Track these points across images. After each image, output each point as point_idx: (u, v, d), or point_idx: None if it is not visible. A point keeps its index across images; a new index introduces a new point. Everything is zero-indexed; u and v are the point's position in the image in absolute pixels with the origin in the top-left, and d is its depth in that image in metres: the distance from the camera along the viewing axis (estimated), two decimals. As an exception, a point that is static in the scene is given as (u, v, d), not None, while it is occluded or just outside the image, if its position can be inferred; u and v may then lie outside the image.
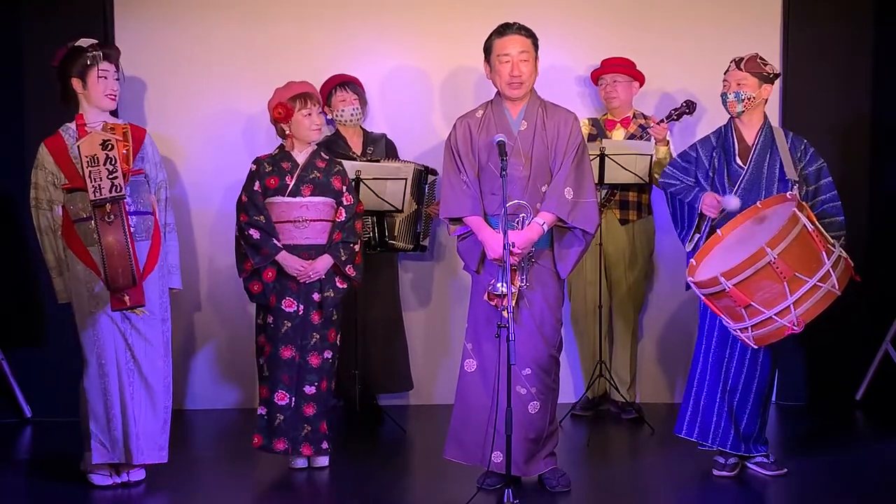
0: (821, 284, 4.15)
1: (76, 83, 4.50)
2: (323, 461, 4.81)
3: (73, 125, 4.52)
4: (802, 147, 4.65)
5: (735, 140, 4.68)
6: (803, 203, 4.32)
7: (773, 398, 5.80)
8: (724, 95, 4.67)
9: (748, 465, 4.73)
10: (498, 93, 4.46)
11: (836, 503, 4.45)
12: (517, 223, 4.31)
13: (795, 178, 4.54)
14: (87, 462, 4.54)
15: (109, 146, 4.21)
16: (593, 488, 4.65)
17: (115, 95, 4.54)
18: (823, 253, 4.17)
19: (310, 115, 4.74)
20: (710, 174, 4.69)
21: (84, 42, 4.51)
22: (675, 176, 4.77)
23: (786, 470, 4.69)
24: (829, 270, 4.16)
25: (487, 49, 4.44)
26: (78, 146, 4.20)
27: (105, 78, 4.49)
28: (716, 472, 4.69)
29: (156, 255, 4.53)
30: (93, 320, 4.46)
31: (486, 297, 4.31)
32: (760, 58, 4.65)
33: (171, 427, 4.61)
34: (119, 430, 4.47)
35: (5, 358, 5.66)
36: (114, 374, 4.46)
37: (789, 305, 4.13)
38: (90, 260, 4.41)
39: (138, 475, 4.60)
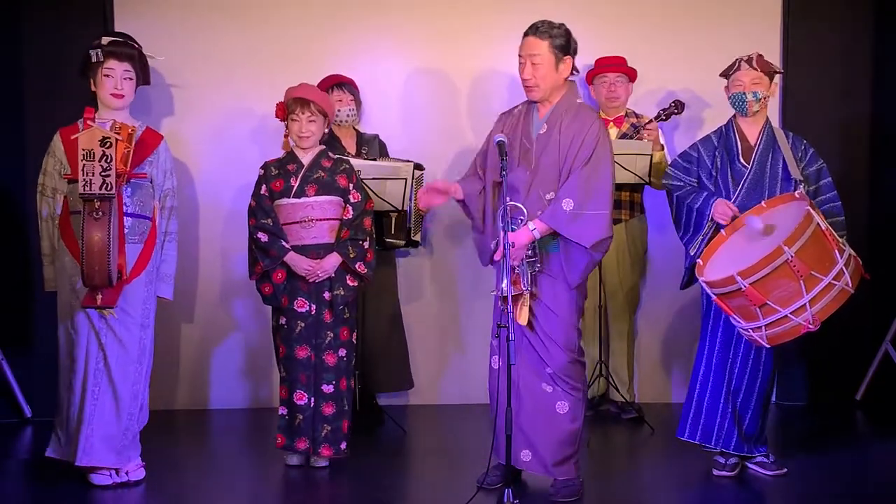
0: (835, 282, 4.15)
1: (91, 83, 4.52)
2: (322, 461, 4.81)
3: (92, 116, 4.50)
4: (803, 147, 4.65)
5: (738, 139, 4.67)
6: (812, 202, 4.33)
7: (774, 398, 5.81)
8: (740, 96, 4.60)
9: (748, 465, 4.73)
10: None
11: (835, 503, 4.45)
12: (514, 226, 4.29)
13: (800, 178, 4.54)
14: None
15: (108, 144, 4.17)
16: (593, 488, 4.64)
17: (123, 94, 4.52)
18: (836, 251, 4.18)
19: (297, 121, 4.74)
20: (713, 174, 4.68)
21: (105, 40, 4.51)
22: (677, 177, 4.76)
23: (786, 470, 4.69)
24: (842, 268, 4.16)
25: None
26: (75, 137, 4.19)
27: (110, 76, 4.49)
28: (716, 472, 4.69)
29: (146, 260, 4.52)
30: (70, 315, 4.46)
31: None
32: (764, 58, 4.64)
33: (172, 427, 4.60)
34: (73, 428, 4.46)
35: (5, 358, 5.66)
36: (80, 371, 4.45)
37: (805, 304, 4.13)
38: (79, 253, 4.41)
39: (138, 475, 4.59)
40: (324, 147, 4.88)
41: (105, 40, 4.52)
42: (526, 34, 4.33)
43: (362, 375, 5.39)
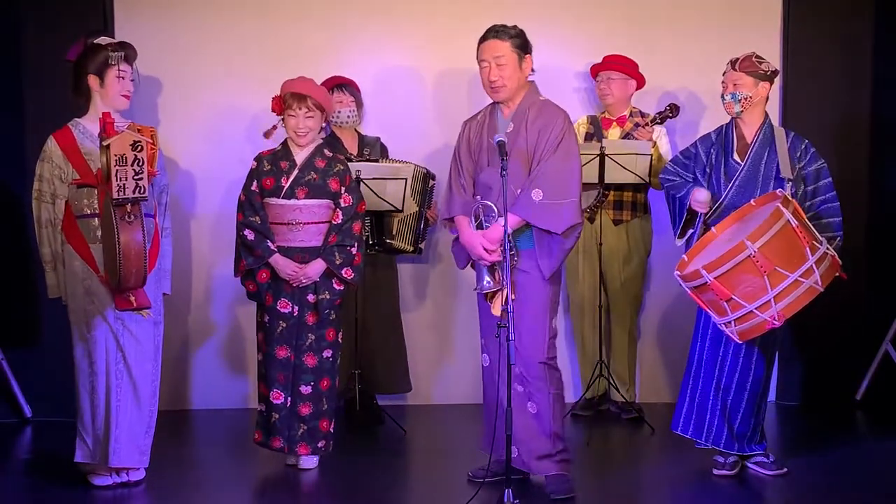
0: (803, 280, 4.15)
1: (93, 80, 4.49)
2: (309, 463, 4.79)
3: (83, 121, 4.51)
4: (803, 147, 4.65)
5: (734, 137, 4.69)
6: (790, 199, 4.32)
7: (773, 398, 5.81)
8: (722, 97, 4.68)
9: (748, 464, 4.74)
10: None
11: (835, 503, 4.45)
12: (486, 222, 4.31)
13: (790, 177, 4.55)
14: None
15: (139, 147, 4.19)
16: (593, 488, 4.64)
17: (130, 96, 4.55)
18: (807, 249, 4.17)
19: (293, 116, 4.70)
20: (707, 170, 4.71)
21: (103, 40, 4.51)
22: (674, 172, 4.81)
23: (785, 469, 4.69)
24: (812, 266, 4.16)
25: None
26: (108, 144, 4.17)
27: (123, 78, 4.50)
28: (716, 472, 4.70)
29: (154, 257, 4.53)
30: (86, 318, 4.45)
31: (486, 299, 4.35)
32: (757, 56, 4.65)
33: (171, 427, 4.60)
34: (101, 430, 4.46)
35: (5, 358, 5.66)
36: (102, 373, 4.46)
37: (770, 300, 4.14)
38: (90, 256, 4.42)
39: (138, 475, 4.60)
40: (320, 143, 4.85)
41: (104, 40, 4.51)
42: (485, 39, 4.41)
43: (361, 376, 5.39)
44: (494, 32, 4.41)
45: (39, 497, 4.57)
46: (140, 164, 4.17)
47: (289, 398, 4.72)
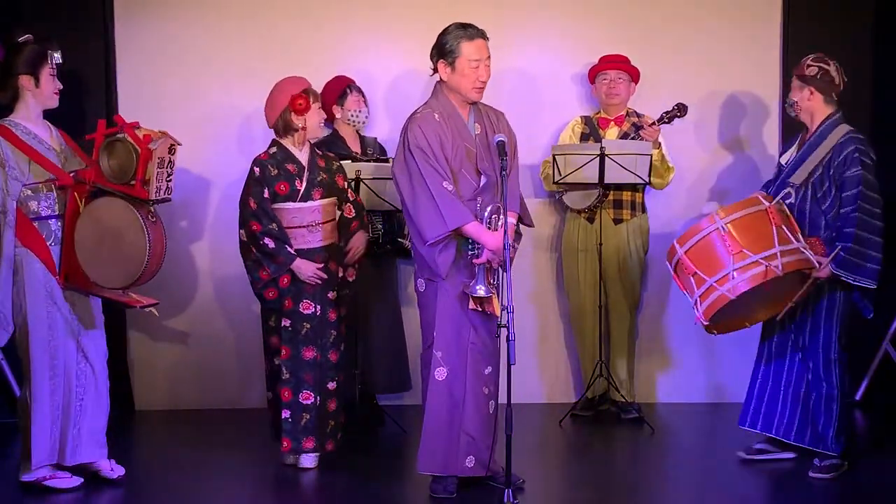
0: (763, 262, 4.26)
1: (26, 80, 4.37)
2: (309, 462, 4.78)
3: (21, 121, 4.39)
4: (846, 152, 4.57)
5: (797, 141, 4.79)
6: (770, 196, 4.48)
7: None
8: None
9: (814, 461, 4.71)
10: (443, 94, 4.38)
11: (835, 503, 4.44)
12: (490, 225, 4.28)
13: (796, 183, 4.57)
14: (25, 470, 4.51)
15: (174, 151, 4.33)
16: (594, 488, 4.65)
17: (59, 93, 4.47)
18: (776, 237, 4.28)
19: (320, 109, 4.81)
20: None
21: (28, 38, 4.40)
22: None
23: (832, 475, 4.64)
24: (776, 253, 4.25)
25: (450, 50, 4.32)
26: (153, 149, 4.23)
27: (54, 76, 4.43)
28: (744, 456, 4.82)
29: None
30: (48, 320, 4.42)
31: (470, 304, 4.28)
32: (812, 59, 4.67)
33: (171, 427, 4.61)
34: (58, 430, 4.46)
35: (5, 358, 5.65)
36: (62, 374, 4.45)
37: (730, 273, 4.27)
38: (50, 259, 4.39)
39: (119, 471, 4.60)
40: (311, 144, 4.87)
41: (30, 38, 4.40)
42: (474, 38, 4.33)
43: (362, 375, 5.38)
44: (481, 32, 4.37)
45: (39, 496, 4.56)
46: (171, 166, 4.34)
47: (318, 397, 4.74)
